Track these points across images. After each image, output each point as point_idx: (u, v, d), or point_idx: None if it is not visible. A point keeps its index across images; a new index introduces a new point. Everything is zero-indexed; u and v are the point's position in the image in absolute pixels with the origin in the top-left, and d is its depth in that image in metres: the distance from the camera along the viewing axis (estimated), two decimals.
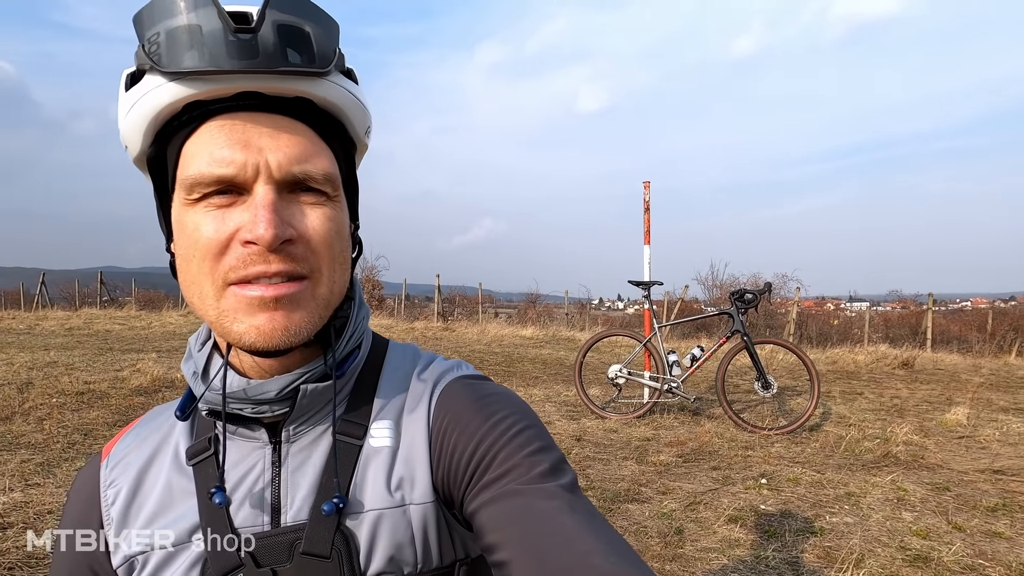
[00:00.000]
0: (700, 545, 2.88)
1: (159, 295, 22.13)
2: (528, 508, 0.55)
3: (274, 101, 0.59)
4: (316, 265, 0.60)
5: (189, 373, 0.67)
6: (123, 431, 0.74)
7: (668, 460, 4.11)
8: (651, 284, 5.70)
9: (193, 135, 0.59)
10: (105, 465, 0.70)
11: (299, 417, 0.65)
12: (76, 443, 4.07)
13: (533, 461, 0.59)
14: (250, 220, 0.56)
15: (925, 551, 2.80)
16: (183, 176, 0.58)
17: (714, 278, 16.78)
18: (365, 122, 0.66)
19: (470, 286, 21.04)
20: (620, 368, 5.49)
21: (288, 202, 0.59)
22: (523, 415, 0.65)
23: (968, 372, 8.45)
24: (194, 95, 0.57)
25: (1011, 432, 4.97)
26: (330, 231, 0.61)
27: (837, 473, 3.87)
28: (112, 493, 0.68)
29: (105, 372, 6.40)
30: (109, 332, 10.65)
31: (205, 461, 0.66)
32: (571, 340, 11.24)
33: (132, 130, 0.60)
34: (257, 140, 0.57)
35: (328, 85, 0.60)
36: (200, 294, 0.59)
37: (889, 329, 16.48)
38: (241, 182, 0.57)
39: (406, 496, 0.63)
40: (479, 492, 0.59)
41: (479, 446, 0.61)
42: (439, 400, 0.67)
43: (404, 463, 0.64)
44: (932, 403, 6.19)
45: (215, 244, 0.57)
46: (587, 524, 0.54)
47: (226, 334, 0.59)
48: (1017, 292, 33.25)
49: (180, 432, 0.70)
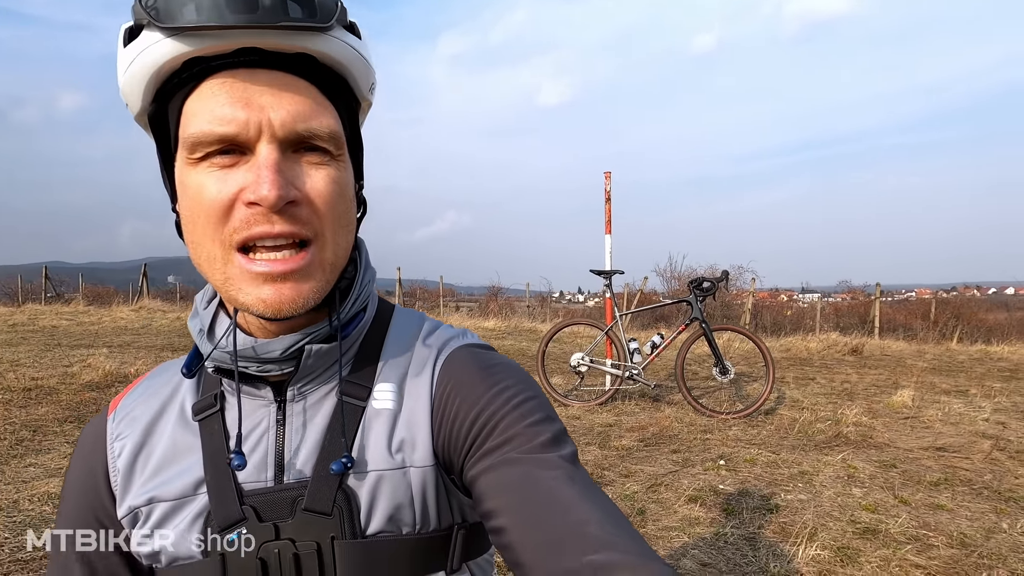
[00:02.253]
0: (661, 524, 2.95)
1: (108, 290, 21.41)
2: (527, 476, 0.56)
3: (275, 57, 0.57)
4: (320, 228, 0.59)
5: (195, 330, 0.67)
6: (131, 386, 0.75)
7: (630, 444, 4.19)
8: (612, 273, 5.76)
9: (194, 93, 0.57)
10: (112, 419, 0.71)
11: (304, 377, 0.65)
12: (24, 440, 3.92)
13: (535, 431, 0.60)
14: (253, 180, 0.56)
15: (873, 524, 2.92)
16: (185, 135, 0.57)
17: (672, 270, 17.07)
18: (369, 78, 0.65)
19: (431, 280, 20.97)
20: (582, 356, 5.55)
21: (291, 162, 0.58)
22: (527, 385, 0.65)
23: (913, 358, 8.81)
24: (193, 51, 0.55)
25: (952, 412, 5.21)
26: (334, 192, 0.60)
27: (791, 453, 4.00)
28: (119, 446, 0.68)
29: (53, 368, 6.18)
30: (56, 328, 10.26)
31: (211, 417, 0.67)
32: (533, 331, 11.29)
33: (131, 87, 0.58)
34: (259, 98, 0.56)
35: (331, 40, 0.59)
36: (207, 256, 0.59)
37: (840, 318, 17.01)
38: (243, 141, 0.56)
39: (407, 459, 0.63)
40: (479, 459, 0.60)
41: (481, 413, 0.62)
42: (444, 366, 0.68)
43: (406, 426, 0.65)
44: (880, 387, 6.43)
45: (219, 205, 0.56)
46: (585, 495, 0.54)
47: (231, 300, 0.60)
48: (958, 283, 34.71)
49: (187, 388, 0.70)
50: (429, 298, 20.47)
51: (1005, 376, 7.30)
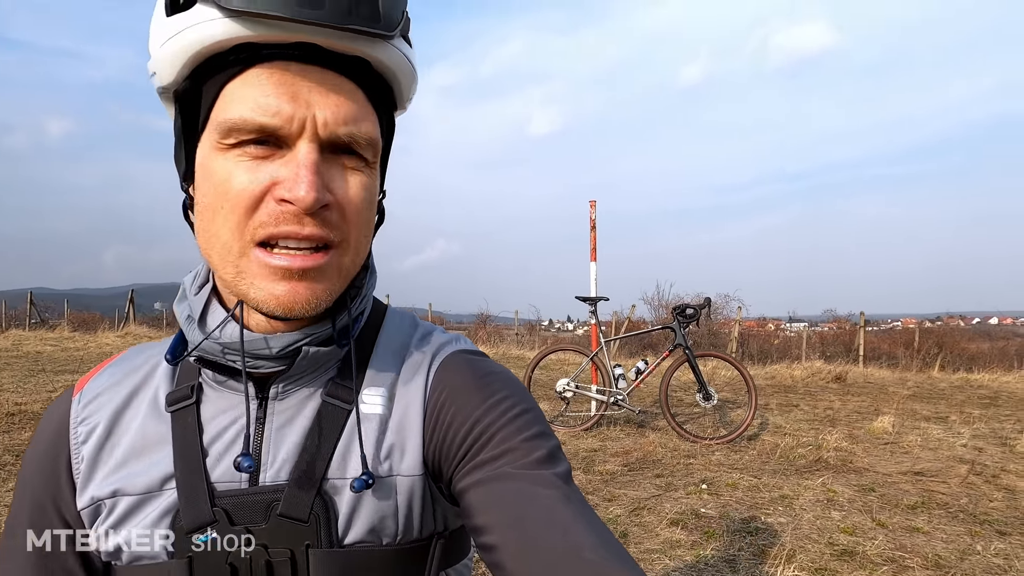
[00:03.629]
0: (643, 547, 2.98)
1: (93, 316, 21.21)
2: (522, 493, 0.54)
3: (329, 55, 0.55)
4: (346, 234, 0.58)
5: (183, 316, 0.63)
6: (99, 367, 0.70)
7: (614, 469, 4.23)
8: (597, 300, 5.84)
9: (237, 77, 0.55)
10: (77, 400, 0.66)
11: (293, 376, 0.63)
12: (7, 464, 3.91)
13: (531, 446, 0.58)
14: (290, 178, 0.54)
15: (851, 546, 2.97)
16: (221, 118, 0.55)
17: (660, 298, 17.19)
18: (414, 88, 0.64)
19: (420, 307, 20.92)
20: (568, 382, 5.60)
21: (329, 163, 0.56)
22: (522, 398, 0.63)
23: (895, 385, 8.91)
24: (249, 37, 0.53)
25: (931, 438, 5.28)
26: (365, 200, 0.59)
27: (772, 478, 4.05)
28: (84, 431, 0.64)
29: (37, 393, 6.14)
30: (40, 354, 10.16)
31: (185, 409, 0.63)
32: (521, 358, 11.32)
33: (168, 60, 0.55)
34: (307, 94, 0.54)
35: (390, 49, 0.58)
36: (222, 247, 0.56)
37: (825, 347, 17.15)
38: (284, 135, 0.54)
39: (394, 466, 0.61)
40: (472, 471, 0.58)
41: (476, 424, 0.60)
42: (438, 372, 0.65)
43: (395, 432, 0.62)
44: (862, 413, 6.51)
45: (248, 196, 0.54)
46: (580, 516, 0.53)
47: (240, 294, 0.57)
48: (943, 312, 35.11)
49: (161, 375, 0.66)
50: None
51: (984, 403, 7.40)
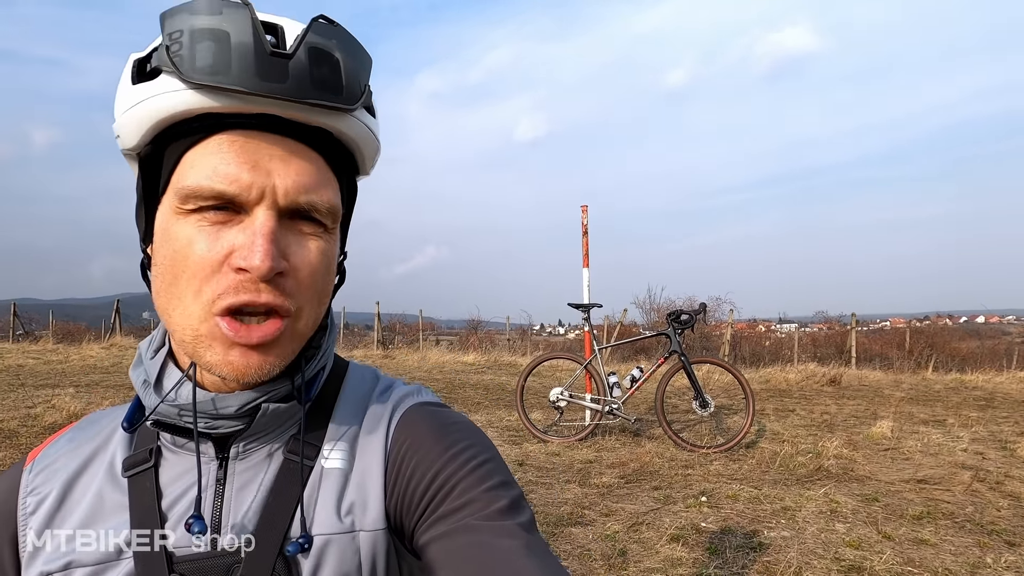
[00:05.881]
0: (643, 566, 2.87)
1: (78, 327, 20.92)
2: (484, 546, 0.54)
3: (291, 125, 0.56)
4: (301, 301, 0.58)
5: (139, 382, 0.63)
6: (53, 436, 0.69)
7: (610, 482, 4.12)
8: (590, 306, 5.75)
9: (199, 144, 0.55)
10: (28, 470, 0.65)
11: (253, 435, 0.62)
12: None
13: (492, 496, 0.58)
14: (245, 246, 0.54)
15: (858, 561, 2.87)
16: (180, 184, 0.55)
17: (651, 302, 17.15)
18: (376, 156, 0.65)
19: (411, 314, 20.80)
20: (561, 391, 5.49)
21: (286, 230, 0.57)
22: (484, 447, 0.63)
23: (890, 387, 8.87)
24: (211, 108, 0.54)
25: (931, 443, 5.22)
26: (321, 265, 0.59)
27: (773, 488, 3.96)
28: (33, 501, 0.63)
29: (16, 409, 5.95)
30: (21, 367, 9.94)
31: (143, 474, 0.62)
32: (513, 365, 11.20)
33: (132, 126, 0.56)
34: (267, 163, 0.55)
35: (351, 121, 0.59)
36: (183, 312, 0.56)
37: (817, 349, 17.15)
38: (242, 202, 0.54)
39: (356, 521, 0.60)
40: (433, 524, 0.58)
41: (437, 476, 0.60)
42: (399, 425, 0.65)
43: (357, 487, 0.62)
44: (859, 417, 6.45)
45: (207, 264, 0.54)
46: (543, 567, 0.52)
47: (196, 357, 0.57)
48: (931, 312, 35.36)
49: (118, 441, 0.66)
50: (409, 332, 20.27)
51: (980, 405, 7.36)
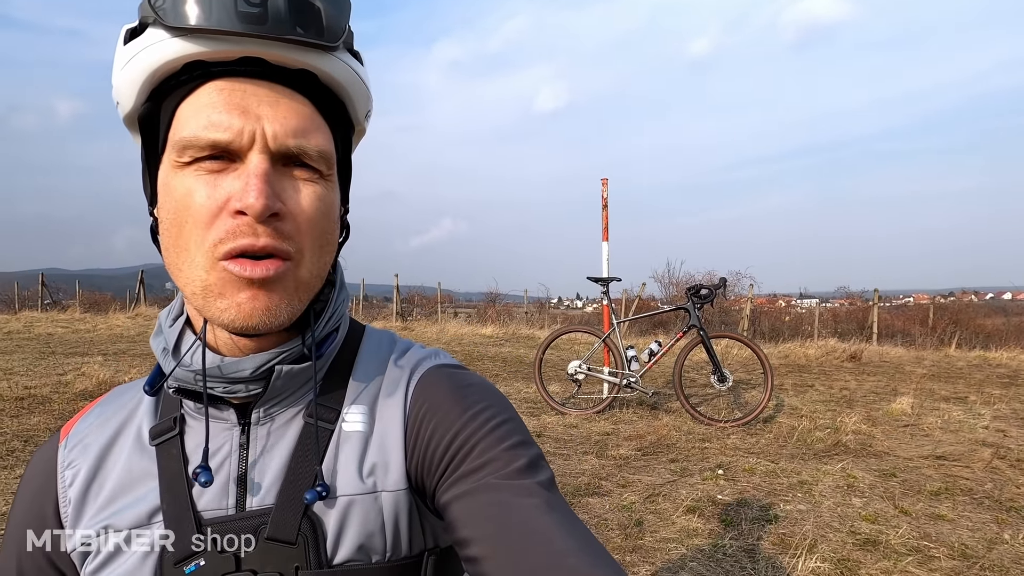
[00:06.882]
0: (659, 536, 2.91)
1: (104, 297, 21.32)
2: (505, 504, 0.55)
3: (277, 70, 0.58)
4: (301, 245, 0.59)
5: (159, 349, 0.65)
6: (84, 410, 0.72)
7: (627, 454, 4.16)
8: (609, 280, 5.74)
9: (190, 96, 0.57)
10: (64, 446, 0.68)
11: (271, 399, 0.64)
12: (16, 450, 3.88)
13: (511, 455, 0.59)
14: (241, 189, 0.55)
15: (874, 535, 2.89)
16: (176, 137, 0.56)
17: (670, 276, 17.06)
18: (366, 105, 0.66)
19: (429, 286, 20.89)
20: (579, 364, 5.52)
21: (280, 175, 0.58)
22: (502, 408, 0.64)
23: (912, 364, 8.78)
24: (197, 54, 0.55)
25: (952, 420, 5.18)
26: (319, 210, 0.60)
27: (790, 462, 3.97)
28: (70, 474, 0.65)
29: (47, 376, 6.14)
30: (51, 335, 10.20)
31: (169, 442, 0.64)
32: (530, 338, 11.26)
33: (127, 85, 0.58)
34: (256, 108, 0.56)
35: (334, 61, 0.60)
36: (190, 262, 0.57)
37: (838, 324, 16.99)
38: (236, 149, 0.56)
39: (378, 483, 0.62)
40: (454, 483, 0.59)
41: (456, 436, 0.61)
42: (417, 387, 0.66)
43: (378, 449, 0.63)
44: (879, 394, 6.41)
45: (206, 211, 0.55)
46: (564, 524, 0.53)
47: (206, 308, 0.58)
48: (956, 288, 34.76)
49: (144, 411, 0.68)
50: (427, 304, 20.40)
51: (1004, 382, 7.28)
